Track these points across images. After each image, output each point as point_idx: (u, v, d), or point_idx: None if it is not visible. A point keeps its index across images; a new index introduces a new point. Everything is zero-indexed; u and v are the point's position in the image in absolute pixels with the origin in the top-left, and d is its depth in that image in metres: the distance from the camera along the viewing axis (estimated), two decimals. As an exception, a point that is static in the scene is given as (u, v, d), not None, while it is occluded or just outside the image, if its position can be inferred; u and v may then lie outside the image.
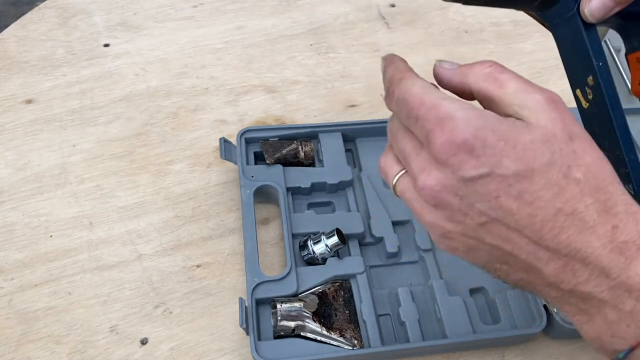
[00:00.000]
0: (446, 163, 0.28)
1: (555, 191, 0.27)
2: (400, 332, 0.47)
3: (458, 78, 0.31)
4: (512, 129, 0.27)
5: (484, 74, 0.30)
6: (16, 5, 1.58)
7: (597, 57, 0.34)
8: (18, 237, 0.51)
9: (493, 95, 0.29)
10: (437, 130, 0.28)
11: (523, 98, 0.29)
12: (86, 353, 0.45)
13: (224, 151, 0.53)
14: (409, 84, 0.30)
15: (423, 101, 0.29)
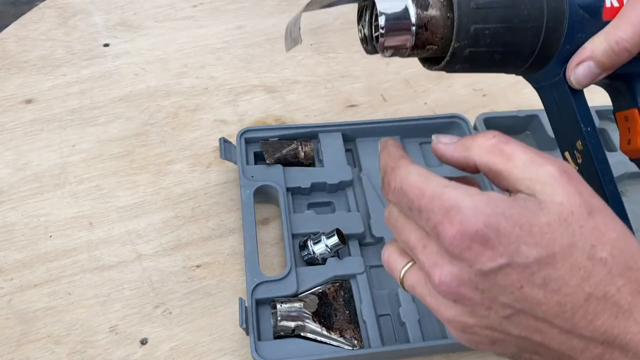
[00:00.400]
0: (460, 257, 0.26)
1: (582, 275, 0.25)
2: (401, 333, 0.47)
3: (460, 153, 0.29)
4: (525, 211, 0.26)
5: (488, 146, 0.28)
6: (16, 5, 1.58)
7: (586, 122, 0.33)
8: (17, 237, 0.51)
9: (500, 169, 0.27)
10: (445, 222, 0.26)
11: (534, 171, 0.27)
12: (86, 353, 0.45)
13: (223, 151, 0.53)
14: (404, 173, 0.29)
15: (423, 191, 0.27)
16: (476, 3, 0.29)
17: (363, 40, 0.32)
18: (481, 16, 0.29)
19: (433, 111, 0.64)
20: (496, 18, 0.29)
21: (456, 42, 0.29)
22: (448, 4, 0.29)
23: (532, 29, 0.30)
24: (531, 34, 0.30)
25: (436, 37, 0.30)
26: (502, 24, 0.29)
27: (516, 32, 0.30)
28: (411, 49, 0.30)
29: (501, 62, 0.31)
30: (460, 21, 0.29)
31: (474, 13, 0.29)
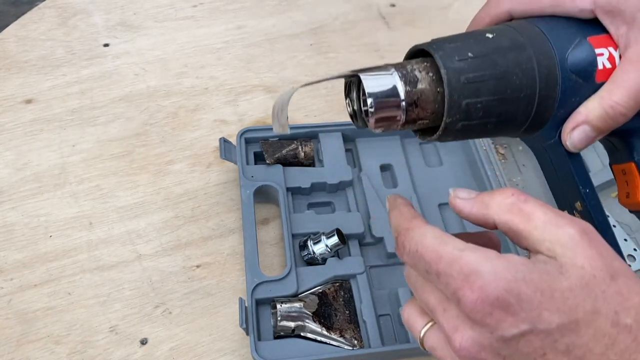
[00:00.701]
0: (482, 323, 0.25)
1: (607, 342, 0.24)
2: (401, 333, 0.47)
3: (478, 210, 0.29)
4: (545, 275, 0.25)
5: (506, 205, 0.28)
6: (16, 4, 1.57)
7: (584, 184, 0.33)
8: (17, 237, 0.51)
9: (520, 229, 0.27)
10: (465, 288, 0.25)
11: (554, 233, 0.26)
12: (86, 353, 0.45)
13: (223, 151, 0.53)
14: (419, 235, 0.28)
15: (440, 255, 0.26)
16: (466, 77, 0.28)
17: (352, 115, 0.32)
18: (472, 90, 0.28)
19: (433, 111, 0.64)
20: (488, 91, 0.28)
21: (448, 117, 0.28)
22: (437, 78, 0.28)
23: (525, 98, 0.29)
24: (524, 103, 0.29)
25: (427, 112, 0.29)
26: (494, 97, 0.28)
27: (509, 102, 0.29)
28: (402, 124, 0.29)
29: (495, 131, 0.30)
30: (452, 97, 0.28)
31: (465, 88, 0.28)
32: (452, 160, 0.58)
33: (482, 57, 0.28)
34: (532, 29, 0.30)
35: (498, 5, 0.34)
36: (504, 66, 0.28)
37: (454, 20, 0.75)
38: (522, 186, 0.57)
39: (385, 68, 0.29)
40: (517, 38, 0.29)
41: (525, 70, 0.29)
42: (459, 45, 0.29)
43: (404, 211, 0.31)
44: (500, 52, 0.29)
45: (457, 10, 0.76)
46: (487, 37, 0.29)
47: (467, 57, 0.28)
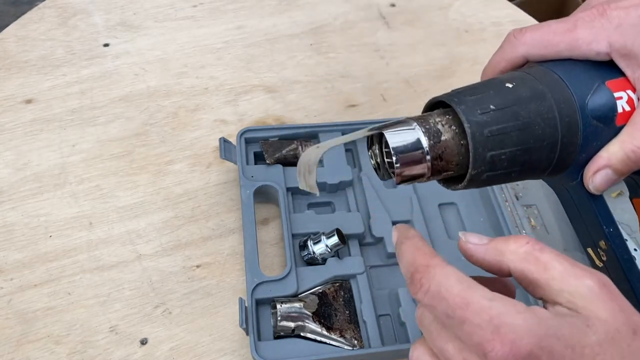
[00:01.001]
0: None
1: None
2: (401, 333, 0.47)
3: (492, 257, 0.28)
4: (574, 331, 0.24)
5: (522, 253, 0.27)
6: (16, 4, 1.58)
7: (607, 223, 0.33)
8: (17, 237, 0.51)
9: (536, 278, 0.27)
10: (495, 341, 0.24)
11: (573, 284, 0.26)
12: (86, 353, 0.45)
13: (223, 151, 0.53)
14: (442, 276, 0.27)
15: (467, 302, 0.25)
16: (490, 130, 0.28)
17: (376, 168, 0.32)
18: (496, 143, 0.28)
19: (433, 111, 0.64)
20: (511, 142, 0.28)
21: (473, 169, 0.29)
22: (460, 131, 0.29)
23: (548, 146, 0.29)
24: (547, 151, 0.29)
25: (451, 165, 0.29)
26: (517, 147, 0.29)
27: (532, 151, 0.29)
28: (427, 177, 0.29)
29: (518, 178, 0.31)
30: (476, 150, 0.28)
31: (489, 141, 0.28)
32: (452, 160, 0.58)
33: (504, 109, 0.28)
34: (550, 76, 0.30)
35: (513, 49, 0.34)
36: (526, 117, 0.28)
37: (454, 20, 0.75)
38: (522, 186, 0.57)
39: (407, 122, 0.29)
40: (536, 87, 0.29)
41: (547, 120, 0.29)
42: (480, 97, 0.29)
43: (420, 245, 0.29)
44: (521, 102, 0.29)
45: (457, 10, 0.76)
46: (507, 87, 0.30)
47: (489, 109, 0.28)
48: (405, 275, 0.29)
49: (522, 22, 0.76)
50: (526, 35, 0.33)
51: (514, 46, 0.33)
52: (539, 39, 0.32)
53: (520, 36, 0.33)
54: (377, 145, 0.31)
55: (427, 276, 0.27)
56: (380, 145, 0.31)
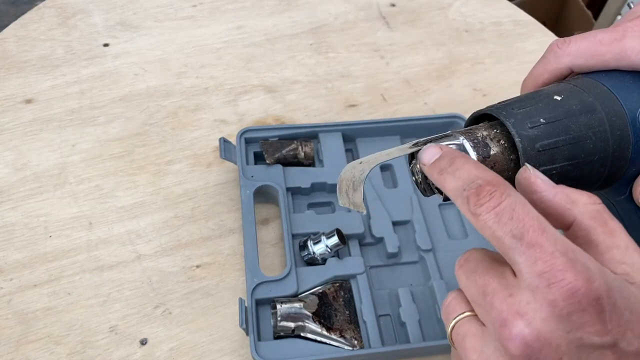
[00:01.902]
0: (565, 317, 0.22)
1: None
2: (401, 333, 0.47)
3: (562, 202, 0.26)
4: (633, 297, 0.23)
5: (593, 210, 0.26)
6: (15, 4, 1.57)
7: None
8: (17, 238, 0.51)
9: (600, 241, 0.25)
10: (568, 271, 0.22)
11: (636, 260, 0.24)
12: (85, 353, 0.45)
13: (223, 151, 0.53)
14: (520, 197, 0.24)
15: (544, 228, 0.23)
16: (541, 145, 0.27)
17: (417, 183, 0.31)
18: (547, 157, 0.27)
19: (433, 111, 0.64)
20: (562, 157, 0.28)
21: None
22: (509, 145, 0.28)
23: (599, 161, 0.29)
24: (598, 165, 0.29)
25: None
26: (569, 162, 0.28)
27: (583, 166, 0.28)
28: None
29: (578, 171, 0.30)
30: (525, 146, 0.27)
31: (540, 155, 0.27)
32: (452, 160, 0.58)
33: (554, 123, 0.28)
34: (599, 88, 0.30)
35: (557, 59, 0.32)
36: (577, 131, 0.28)
37: (454, 20, 0.75)
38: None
39: (453, 136, 0.28)
40: (586, 99, 0.29)
41: (598, 133, 0.28)
42: (529, 110, 0.28)
43: (480, 165, 0.27)
44: (571, 116, 0.28)
45: (457, 10, 0.76)
46: (555, 99, 0.29)
47: (539, 123, 0.28)
48: (465, 188, 0.25)
49: (522, 22, 0.76)
50: (571, 45, 0.32)
51: (558, 57, 0.32)
52: (585, 49, 0.31)
53: (564, 46, 0.32)
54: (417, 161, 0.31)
55: (502, 191, 0.24)
56: None
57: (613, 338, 0.22)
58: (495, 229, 0.24)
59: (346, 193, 0.30)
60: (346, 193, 0.30)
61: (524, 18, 0.76)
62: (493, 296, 0.24)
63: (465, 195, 0.25)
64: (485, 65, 0.70)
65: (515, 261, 0.23)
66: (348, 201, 0.30)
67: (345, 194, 0.30)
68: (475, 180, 0.25)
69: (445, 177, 0.27)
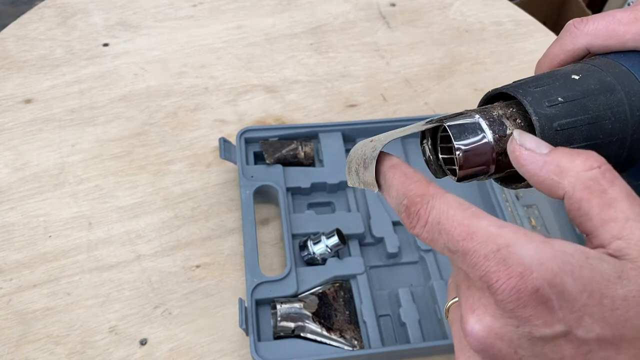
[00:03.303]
0: (511, 314, 0.21)
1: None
2: (401, 333, 0.47)
3: (549, 174, 0.24)
4: (599, 276, 0.21)
5: (587, 178, 0.23)
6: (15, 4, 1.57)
7: None
8: (17, 238, 0.51)
9: (593, 214, 0.23)
10: (501, 272, 0.21)
11: (635, 234, 0.22)
12: (85, 354, 0.45)
13: (223, 151, 0.53)
14: (442, 204, 0.23)
15: (472, 231, 0.22)
16: (559, 124, 0.26)
17: (428, 163, 0.30)
18: (565, 137, 0.26)
19: (433, 111, 0.64)
20: (580, 137, 0.27)
21: None
22: (526, 124, 0.27)
23: (618, 142, 0.28)
24: (616, 147, 0.28)
25: None
26: (587, 142, 0.27)
27: (601, 147, 0.27)
28: (489, 175, 0.28)
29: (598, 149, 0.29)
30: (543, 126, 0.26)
31: (557, 135, 0.26)
32: (452, 160, 0.58)
33: (572, 102, 0.27)
34: (618, 68, 0.29)
35: (574, 39, 0.31)
36: (596, 110, 0.27)
37: (454, 20, 0.75)
38: (523, 194, 0.57)
39: (468, 115, 0.27)
40: (605, 79, 0.28)
41: (617, 114, 0.27)
42: (546, 89, 0.27)
43: (410, 173, 0.26)
44: (590, 95, 0.27)
45: (458, 10, 0.76)
46: (573, 78, 0.28)
47: (557, 102, 0.27)
48: (398, 210, 0.25)
49: (522, 22, 0.76)
50: (589, 25, 0.30)
51: (575, 37, 0.31)
52: (603, 28, 0.30)
53: (581, 26, 0.31)
54: (429, 140, 0.29)
55: (425, 207, 0.24)
56: (434, 139, 0.30)
57: (566, 326, 0.21)
58: (433, 245, 0.24)
59: (356, 172, 0.29)
60: (356, 172, 0.29)
61: (524, 18, 0.76)
62: (460, 288, 0.24)
63: (402, 218, 0.25)
64: (485, 65, 0.70)
65: (463, 267, 0.23)
66: (358, 180, 0.29)
67: (355, 173, 0.29)
68: (402, 200, 0.25)
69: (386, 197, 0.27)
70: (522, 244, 0.21)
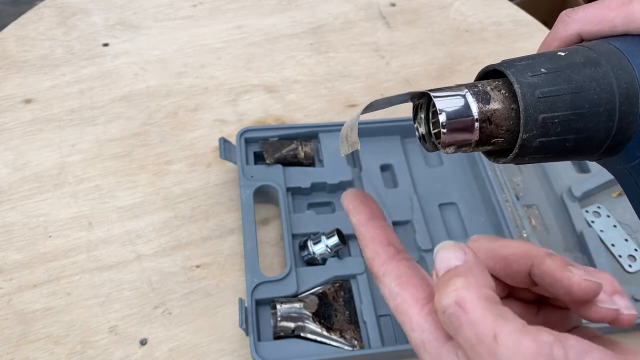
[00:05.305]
0: None
1: None
2: (401, 333, 0.47)
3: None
4: None
5: None
6: (15, 4, 1.57)
7: None
8: (17, 238, 0.51)
9: None
10: None
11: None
12: (85, 354, 0.45)
13: (223, 151, 0.53)
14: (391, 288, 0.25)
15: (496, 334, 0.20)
16: (541, 92, 0.27)
17: (421, 138, 0.31)
18: (548, 105, 0.27)
19: (433, 111, 0.64)
20: (565, 105, 0.27)
21: (524, 133, 0.27)
22: (510, 95, 0.28)
23: (605, 113, 0.28)
24: (605, 118, 0.28)
25: (501, 129, 0.28)
26: (572, 111, 0.28)
27: (588, 117, 0.28)
28: (475, 144, 0.28)
29: (574, 150, 0.29)
30: (527, 112, 0.27)
31: (540, 102, 0.27)
32: (452, 160, 0.58)
33: (555, 73, 0.28)
34: (606, 47, 0.30)
35: (566, 27, 0.32)
36: (580, 81, 0.28)
37: (454, 20, 0.75)
38: (523, 186, 0.57)
39: (457, 88, 0.28)
40: (590, 55, 0.29)
41: (603, 85, 0.28)
42: (531, 62, 0.28)
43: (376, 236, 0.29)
44: (574, 67, 0.28)
45: (458, 10, 0.76)
46: (559, 55, 0.29)
47: (540, 72, 0.28)
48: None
49: (522, 22, 0.76)
50: (579, 13, 0.32)
51: (567, 24, 0.32)
52: (592, 14, 0.31)
53: (572, 14, 0.32)
54: (423, 115, 0.30)
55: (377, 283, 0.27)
56: (427, 114, 0.31)
57: None
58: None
59: (346, 138, 0.31)
60: (346, 138, 0.31)
61: (524, 18, 0.76)
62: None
63: None
64: (485, 65, 0.70)
65: None
66: (347, 146, 0.31)
67: (345, 139, 0.31)
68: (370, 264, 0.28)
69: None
70: (423, 353, 0.23)
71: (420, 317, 0.24)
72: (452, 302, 0.21)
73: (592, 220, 0.55)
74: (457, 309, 0.21)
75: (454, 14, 0.76)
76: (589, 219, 0.55)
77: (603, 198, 0.57)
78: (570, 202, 0.55)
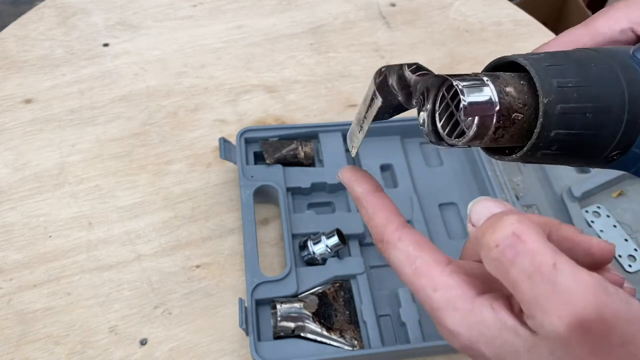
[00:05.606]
0: None
1: None
2: (401, 333, 0.47)
3: (473, 248, 0.27)
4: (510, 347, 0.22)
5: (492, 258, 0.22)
6: (15, 4, 1.57)
7: None
8: (17, 238, 0.51)
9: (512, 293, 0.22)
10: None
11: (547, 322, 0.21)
12: (85, 354, 0.45)
13: (223, 151, 0.53)
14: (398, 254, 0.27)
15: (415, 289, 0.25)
16: (558, 82, 0.27)
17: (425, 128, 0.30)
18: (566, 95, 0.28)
19: (433, 111, 0.64)
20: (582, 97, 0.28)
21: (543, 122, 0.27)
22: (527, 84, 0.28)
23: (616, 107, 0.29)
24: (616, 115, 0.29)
25: (518, 119, 0.28)
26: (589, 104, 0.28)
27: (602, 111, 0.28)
28: (491, 135, 0.28)
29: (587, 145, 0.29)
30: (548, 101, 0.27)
31: (558, 92, 0.27)
32: (452, 160, 0.58)
33: (571, 64, 0.28)
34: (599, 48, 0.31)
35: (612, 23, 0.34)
36: (595, 74, 0.28)
37: (454, 20, 0.75)
38: (523, 186, 0.57)
39: (475, 77, 0.28)
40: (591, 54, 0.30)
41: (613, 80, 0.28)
42: (542, 55, 0.29)
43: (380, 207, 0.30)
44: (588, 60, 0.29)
45: (458, 10, 0.76)
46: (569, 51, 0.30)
47: (555, 64, 0.28)
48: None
49: (523, 22, 0.76)
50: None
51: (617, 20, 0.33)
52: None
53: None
54: (430, 103, 0.30)
55: (387, 251, 0.28)
56: (433, 105, 0.30)
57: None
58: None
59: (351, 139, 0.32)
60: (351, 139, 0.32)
61: (524, 18, 0.76)
62: None
63: None
64: (485, 65, 0.70)
65: None
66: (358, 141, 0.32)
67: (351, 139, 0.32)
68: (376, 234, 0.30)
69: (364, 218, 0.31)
70: (449, 312, 0.23)
71: (443, 275, 0.24)
72: (509, 234, 0.21)
73: (592, 220, 0.55)
74: (515, 239, 0.21)
75: (454, 14, 0.76)
76: (588, 219, 0.55)
77: (603, 198, 0.57)
78: (570, 202, 0.55)
